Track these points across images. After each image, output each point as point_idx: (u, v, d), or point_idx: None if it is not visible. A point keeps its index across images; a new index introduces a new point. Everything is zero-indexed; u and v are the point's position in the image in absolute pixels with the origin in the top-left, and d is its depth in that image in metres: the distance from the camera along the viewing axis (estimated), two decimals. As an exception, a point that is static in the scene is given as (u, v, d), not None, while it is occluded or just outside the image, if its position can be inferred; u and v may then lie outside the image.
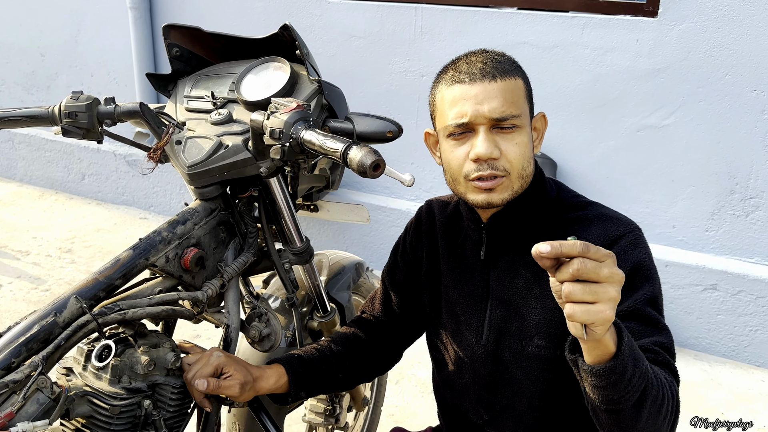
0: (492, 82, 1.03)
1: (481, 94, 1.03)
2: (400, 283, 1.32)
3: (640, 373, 0.85)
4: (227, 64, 1.37)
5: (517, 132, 1.04)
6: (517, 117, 1.03)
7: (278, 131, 1.02)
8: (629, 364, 0.83)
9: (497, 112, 1.02)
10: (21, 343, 0.97)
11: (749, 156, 2.68)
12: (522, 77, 1.08)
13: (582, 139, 2.95)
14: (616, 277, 0.76)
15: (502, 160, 1.04)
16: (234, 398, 1.14)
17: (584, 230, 1.08)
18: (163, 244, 1.14)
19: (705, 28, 2.62)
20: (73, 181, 4.39)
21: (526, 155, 1.06)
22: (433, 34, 3.11)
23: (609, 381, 0.84)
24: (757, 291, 2.73)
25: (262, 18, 3.48)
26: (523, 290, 1.12)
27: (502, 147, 1.04)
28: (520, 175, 1.06)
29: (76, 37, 4.10)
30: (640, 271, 1.03)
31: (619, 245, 1.04)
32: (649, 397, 0.87)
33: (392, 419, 2.33)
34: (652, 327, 1.00)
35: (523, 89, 1.07)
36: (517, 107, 1.04)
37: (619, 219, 1.09)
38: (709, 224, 2.82)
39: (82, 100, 1.21)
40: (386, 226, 3.40)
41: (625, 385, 0.84)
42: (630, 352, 0.83)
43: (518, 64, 1.10)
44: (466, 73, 1.05)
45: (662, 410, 0.89)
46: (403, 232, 1.33)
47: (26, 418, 0.93)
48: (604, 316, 0.75)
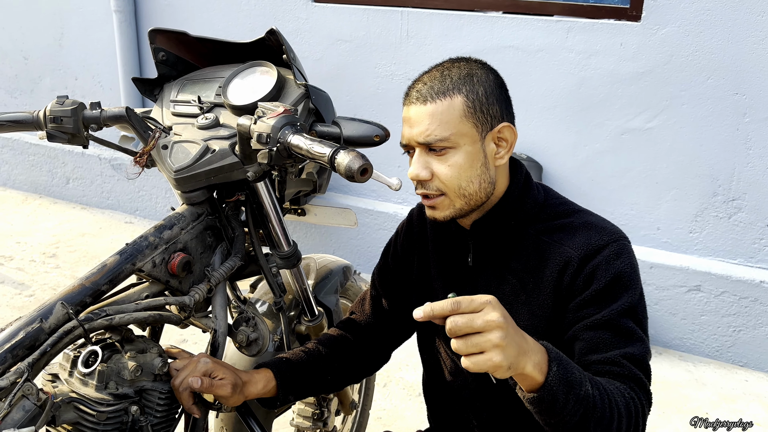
0: (422, 105, 1.06)
1: (413, 118, 1.07)
2: (390, 284, 1.32)
3: (575, 399, 0.88)
4: (214, 68, 1.37)
5: (451, 152, 1.06)
6: (444, 140, 1.04)
7: (265, 136, 1.02)
8: (560, 392, 0.86)
9: (422, 136, 1.05)
10: (6, 349, 0.96)
11: (731, 158, 2.72)
12: (465, 94, 1.05)
13: (567, 142, 2.97)
14: (492, 324, 0.79)
15: (435, 181, 1.07)
16: (225, 399, 1.13)
17: (569, 238, 1.08)
18: (150, 249, 1.13)
19: (687, 32, 2.66)
20: (58, 186, 4.35)
21: (463, 175, 1.06)
22: (419, 38, 3.12)
23: (541, 408, 0.88)
24: (740, 292, 2.77)
25: (247, 22, 3.48)
26: (509, 296, 1.12)
27: (435, 168, 1.07)
28: (459, 194, 1.07)
29: (59, 40, 4.07)
30: (621, 281, 1.04)
31: (602, 255, 1.05)
32: (591, 419, 0.90)
33: (380, 422, 2.33)
34: (625, 338, 1.01)
35: (459, 108, 1.05)
36: (447, 129, 1.04)
37: (604, 228, 1.09)
38: (692, 226, 2.86)
39: (67, 105, 1.20)
40: (373, 229, 3.40)
41: (558, 411, 0.88)
42: (560, 381, 0.86)
43: (473, 77, 1.07)
44: (409, 96, 1.10)
45: (612, 429, 0.91)
46: (394, 234, 1.34)
47: (12, 426, 0.92)
48: (492, 363, 0.79)
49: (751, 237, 2.77)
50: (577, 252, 1.06)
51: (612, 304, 1.02)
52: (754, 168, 2.69)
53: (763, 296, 2.73)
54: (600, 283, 1.03)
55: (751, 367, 2.83)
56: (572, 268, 1.06)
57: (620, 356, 1.00)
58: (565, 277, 1.06)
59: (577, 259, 1.05)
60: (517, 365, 0.82)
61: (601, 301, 1.03)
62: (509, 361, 0.80)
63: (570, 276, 1.06)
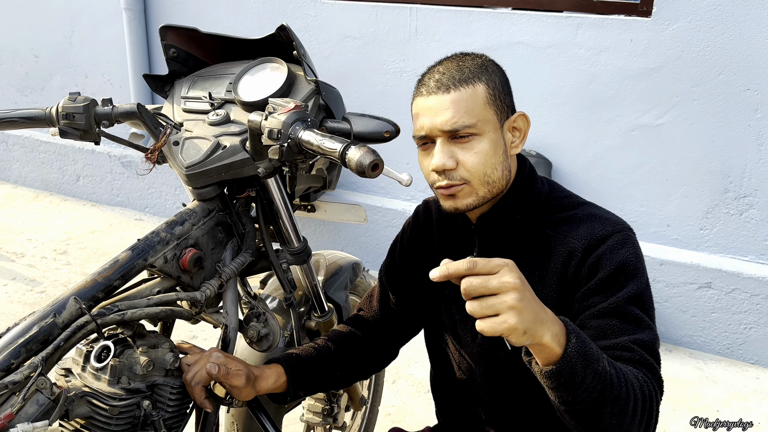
0: (445, 94, 1.05)
1: (434, 107, 1.06)
2: (397, 281, 1.32)
3: (593, 374, 0.84)
4: (224, 65, 1.38)
5: (476, 140, 1.05)
6: (470, 126, 1.04)
7: (276, 132, 1.02)
8: (578, 365, 0.83)
9: (448, 124, 1.04)
10: (20, 344, 0.97)
11: (743, 155, 2.70)
12: (486, 82, 1.07)
13: (577, 138, 2.96)
14: (508, 285, 0.77)
15: (460, 170, 1.06)
16: (237, 391, 1.14)
17: (573, 229, 1.08)
18: (162, 245, 1.14)
19: (698, 27, 2.64)
20: (68, 183, 4.38)
21: (488, 162, 1.06)
22: (428, 35, 3.11)
23: (558, 382, 0.84)
24: (751, 289, 2.75)
25: (256, 19, 3.48)
26: None
27: (459, 157, 1.05)
28: (483, 181, 1.07)
29: (70, 38, 4.09)
30: (626, 270, 1.03)
31: (606, 244, 1.05)
32: (608, 398, 0.86)
33: (389, 419, 2.34)
34: (633, 325, 1.00)
35: (482, 96, 1.06)
36: (471, 116, 1.04)
37: (607, 219, 1.09)
38: (703, 223, 2.84)
39: (79, 102, 1.21)
40: (382, 226, 3.40)
41: (576, 386, 0.84)
42: (578, 354, 0.83)
43: (487, 66, 1.09)
44: (425, 86, 1.08)
45: (627, 410, 0.89)
46: (401, 231, 1.34)
47: (26, 419, 0.93)
48: (508, 325, 0.76)
49: (762, 234, 2.75)
50: (580, 243, 1.06)
51: (618, 292, 1.02)
52: (766, 164, 2.67)
53: (775, 293, 2.72)
54: (605, 271, 1.03)
55: (763, 364, 2.81)
56: (576, 259, 1.06)
57: (630, 342, 0.98)
58: (570, 267, 1.06)
59: (581, 250, 1.05)
60: (534, 332, 0.79)
61: (607, 290, 1.02)
62: (525, 325, 0.77)
63: (574, 266, 1.06)
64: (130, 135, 3.52)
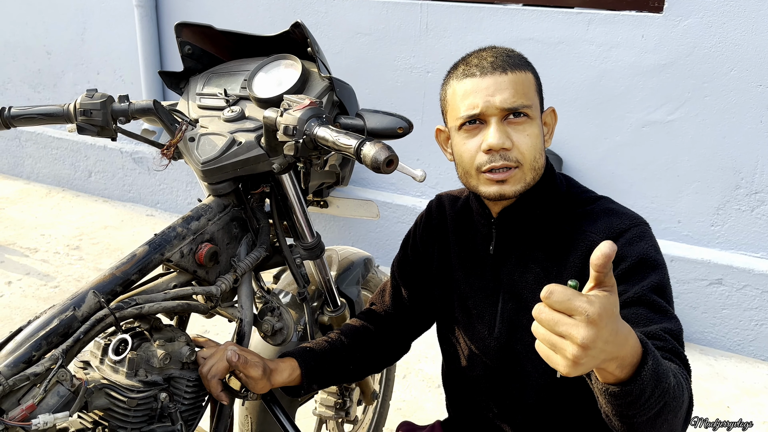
0: (503, 74, 1.06)
1: (492, 86, 1.05)
2: (410, 276, 1.33)
3: (660, 393, 0.80)
4: (239, 61, 1.39)
5: (528, 123, 1.06)
6: (528, 107, 1.06)
7: (292, 128, 1.03)
8: (648, 387, 0.78)
9: (508, 102, 1.04)
10: (41, 336, 0.99)
11: (755, 151, 2.69)
12: (532, 71, 1.10)
13: (588, 134, 2.96)
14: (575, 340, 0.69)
15: (514, 151, 1.05)
16: (254, 383, 1.16)
17: (591, 224, 1.09)
18: (178, 240, 1.15)
19: (710, 23, 2.63)
20: (80, 179, 4.41)
21: (538, 147, 1.07)
22: (439, 31, 3.12)
23: (623, 401, 0.80)
24: (763, 285, 2.74)
25: (267, 15, 3.50)
26: (533, 284, 1.13)
27: (514, 138, 1.06)
28: (533, 166, 1.07)
29: (82, 35, 4.12)
30: (647, 262, 1.03)
31: (624, 238, 1.05)
32: (667, 410, 0.83)
33: (400, 413, 2.35)
34: (660, 314, 1.00)
35: (533, 83, 1.09)
36: (528, 98, 1.06)
37: (625, 213, 1.09)
38: (714, 219, 2.83)
39: (96, 98, 1.22)
40: (392, 222, 3.41)
41: (642, 404, 0.80)
42: (652, 376, 0.78)
43: (527, 59, 1.12)
44: (477, 66, 1.08)
45: (679, 414, 0.86)
46: (413, 225, 1.35)
47: (47, 410, 0.95)
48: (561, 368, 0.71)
49: (774, 230, 2.74)
50: (599, 236, 1.06)
51: (641, 282, 1.01)
52: (777, 160, 2.66)
53: (787, 290, 2.71)
54: (627, 263, 1.03)
55: (774, 361, 2.80)
56: None
57: (661, 330, 0.96)
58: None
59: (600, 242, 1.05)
60: (601, 362, 0.73)
61: (630, 280, 1.02)
62: (581, 372, 0.71)
63: None
64: (141, 131, 3.55)
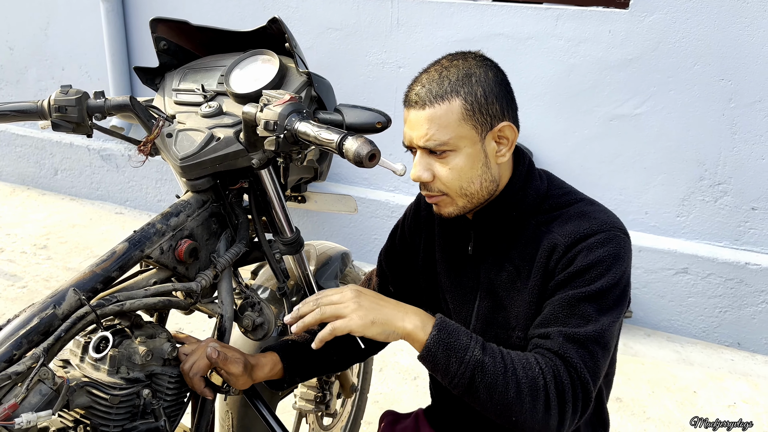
0: (420, 110, 1.06)
1: (413, 121, 1.08)
2: (396, 265, 1.35)
3: (458, 362, 0.97)
4: (215, 57, 1.38)
5: (451, 155, 1.06)
6: (443, 144, 1.05)
7: (272, 123, 1.04)
8: (439, 354, 0.98)
9: (422, 141, 1.06)
10: (21, 335, 0.98)
11: (717, 143, 2.77)
12: (464, 96, 1.05)
13: (557, 128, 3.01)
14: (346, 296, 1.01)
15: (437, 182, 1.09)
16: (235, 379, 1.16)
17: (561, 226, 1.09)
18: (158, 236, 1.15)
19: (674, 19, 2.70)
20: (46, 177, 4.32)
21: (464, 176, 1.07)
22: (410, 26, 3.13)
23: (427, 367, 1.01)
24: (726, 273, 2.83)
25: (237, 11, 3.47)
26: (507, 283, 1.15)
27: (436, 170, 1.08)
28: (461, 194, 1.09)
29: (45, 30, 4.03)
30: (597, 267, 1.04)
31: (587, 242, 1.05)
32: (480, 384, 0.97)
33: (377, 406, 2.37)
34: (576, 319, 1.02)
35: (458, 112, 1.05)
36: (445, 133, 1.04)
37: (596, 218, 1.08)
38: (680, 210, 2.91)
39: (71, 94, 1.21)
40: (366, 217, 3.43)
41: (443, 371, 0.99)
42: (438, 344, 0.98)
43: (471, 76, 1.06)
44: (407, 98, 1.10)
45: (508, 394, 0.96)
46: (402, 216, 1.36)
47: (30, 409, 0.94)
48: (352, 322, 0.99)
49: (736, 220, 2.83)
50: (564, 239, 1.07)
51: (581, 287, 1.03)
52: (739, 152, 2.75)
53: (748, 277, 2.80)
54: (576, 266, 1.04)
55: (737, 346, 2.90)
56: (558, 254, 1.07)
57: (558, 333, 1.01)
58: (551, 261, 1.08)
59: (563, 246, 1.07)
60: (386, 323, 0.99)
61: (571, 282, 1.04)
62: (370, 317, 0.98)
63: (555, 261, 1.07)
64: (110, 127, 3.49)
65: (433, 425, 1.38)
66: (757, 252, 2.83)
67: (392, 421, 1.44)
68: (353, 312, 0.98)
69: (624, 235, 1.08)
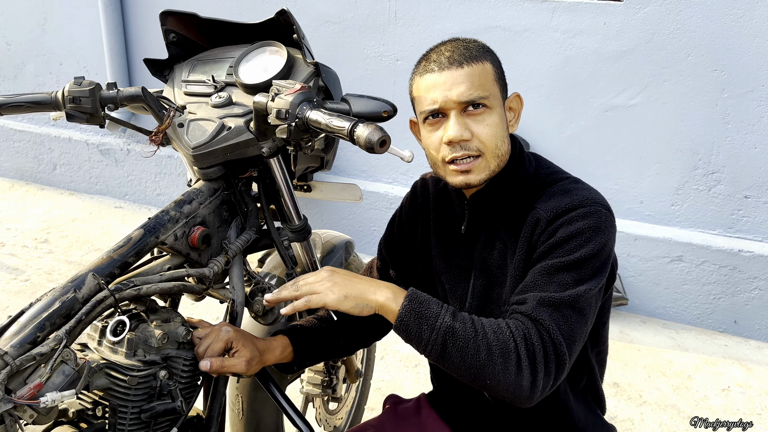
0: (459, 68, 1.10)
1: (449, 81, 1.10)
2: (396, 253, 1.39)
3: (430, 329, 1.02)
4: (222, 49, 1.41)
5: (487, 113, 1.11)
6: (485, 98, 1.10)
7: (284, 112, 1.07)
8: (411, 322, 1.03)
9: (465, 95, 1.09)
10: (44, 318, 1.01)
11: (711, 133, 2.82)
12: (491, 61, 1.13)
13: (553, 119, 3.05)
14: (321, 275, 1.09)
15: (475, 141, 1.11)
16: (240, 374, 1.20)
17: (543, 203, 1.13)
18: (172, 223, 1.18)
19: (668, 11, 2.74)
20: (44, 172, 4.34)
21: (499, 134, 1.12)
22: (407, 19, 3.16)
23: (401, 336, 1.06)
24: (720, 261, 2.89)
25: (235, 4, 3.49)
26: (498, 261, 1.19)
27: (473, 128, 1.11)
28: (495, 154, 1.12)
29: (43, 25, 4.04)
30: (576, 238, 1.07)
31: (568, 215, 1.09)
32: (452, 348, 1.01)
33: (379, 392, 2.41)
34: (551, 285, 1.05)
35: (491, 72, 1.13)
36: (484, 89, 1.10)
37: (578, 194, 1.11)
38: (674, 199, 2.96)
39: (85, 86, 1.24)
40: (364, 209, 3.46)
41: (416, 338, 1.03)
42: (409, 313, 1.03)
43: (488, 48, 1.16)
44: (435, 62, 1.13)
45: (479, 356, 0.99)
46: (400, 205, 1.40)
47: (53, 389, 0.97)
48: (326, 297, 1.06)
49: (729, 208, 2.88)
50: (546, 214, 1.11)
51: (561, 257, 1.06)
52: (732, 142, 2.80)
53: (741, 264, 2.85)
54: (557, 238, 1.08)
55: (730, 332, 2.96)
56: (540, 228, 1.11)
57: (533, 298, 1.05)
58: (534, 235, 1.12)
59: (545, 220, 1.11)
60: (359, 297, 1.05)
61: (551, 253, 1.08)
62: (343, 293, 1.05)
63: (537, 234, 1.11)
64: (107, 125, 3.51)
65: (435, 409, 1.42)
66: (750, 239, 2.88)
67: (395, 404, 1.48)
68: (328, 289, 1.05)
69: (606, 210, 1.11)
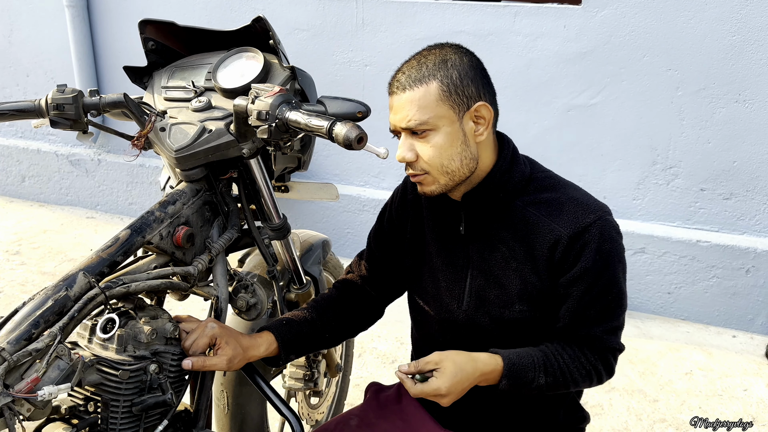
0: (402, 94, 1.17)
1: (396, 106, 1.18)
2: (384, 245, 1.43)
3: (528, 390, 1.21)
4: (200, 55, 1.46)
5: (431, 134, 1.16)
6: (424, 124, 1.14)
7: (265, 113, 1.12)
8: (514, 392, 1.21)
9: (404, 122, 1.17)
10: (38, 315, 1.05)
11: (667, 129, 2.95)
12: (440, 79, 1.14)
13: (518, 120, 3.16)
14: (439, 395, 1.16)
15: (420, 162, 1.18)
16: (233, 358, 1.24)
17: (557, 215, 1.19)
18: (157, 223, 1.23)
19: (624, 13, 2.86)
20: (12, 184, 4.29)
21: (444, 154, 1.16)
22: (375, 26, 3.24)
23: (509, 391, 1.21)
24: (680, 251, 3.02)
25: (204, 13, 3.52)
26: (501, 263, 1.24)
27: (418, 150, 1.18)
28: (442, 171, 1.18)
29: (9, 36, 4.01)
30: (607, 259, 1.18)
31: (590, 233, 1.16)
32: (555, 386, 1.22)
33: (358, 389, 2.47)
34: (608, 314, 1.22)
35: (435, 93, 1.14)
36: (425, 113, 1.14)
37: (588, 205, 1.19)
38: (635, 193, 3.09)
39: (67, 93, 1.28)
40: (337, 211, 3.52)
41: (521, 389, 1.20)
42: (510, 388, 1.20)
43: (447, 61, 1.15)
44: (393, 84, 1.20)
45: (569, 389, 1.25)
46: (389, 199, 1.45)
47: (50, 383, 1.01)
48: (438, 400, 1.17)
49: (687, 201, 3.02)
50: (566, 230, 1.18)
51: (598, 281, 1.18)
52: (687, 137, 2.93)
53: (700, 254, 2.99)
54: (588, 261, 1.17)
55: (692, 319, 3.09)
56: (562, 246, 1.18)
57: (602, 332, 1.23)
58: (556, 254, 1.19)
59: (566, 238, 1.17)
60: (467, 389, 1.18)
61: (587, 277, 1.18)
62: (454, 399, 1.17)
63: (560, 253, 1.18)
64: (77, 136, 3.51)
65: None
66: (707, 230, 3.02)
67: (377, 392, 1.53)
68: (445, 400, 1.16)
69: (611, 216, 1.21)
